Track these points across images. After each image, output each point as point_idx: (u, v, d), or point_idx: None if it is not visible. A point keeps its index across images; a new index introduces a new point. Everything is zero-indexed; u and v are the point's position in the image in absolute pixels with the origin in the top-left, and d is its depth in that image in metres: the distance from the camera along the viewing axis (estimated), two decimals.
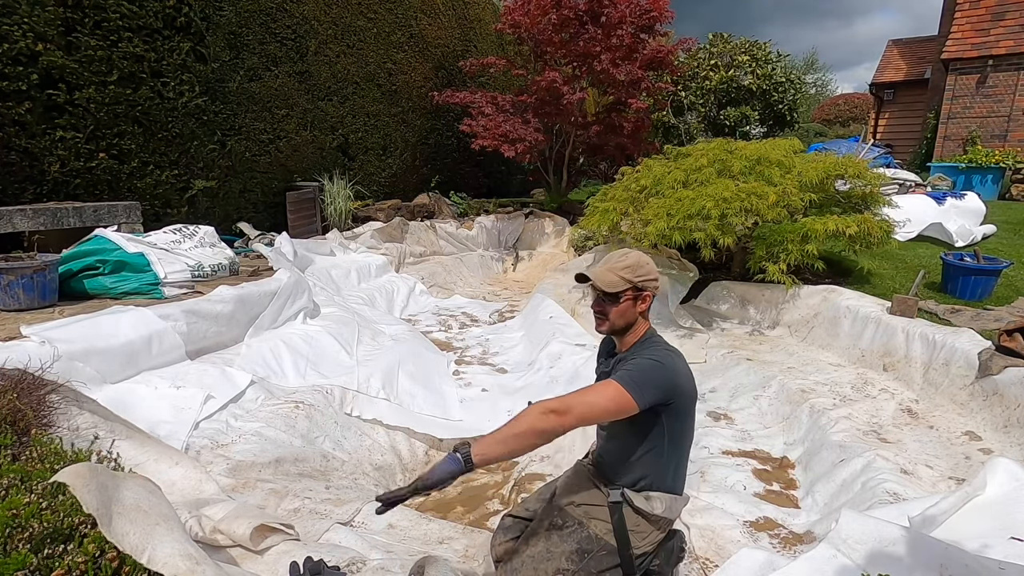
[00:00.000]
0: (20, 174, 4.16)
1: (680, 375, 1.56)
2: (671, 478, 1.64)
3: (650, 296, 1.65)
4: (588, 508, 1.64)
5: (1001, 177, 9.20)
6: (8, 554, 1.01)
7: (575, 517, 1.63)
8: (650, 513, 1.60)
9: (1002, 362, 2.79)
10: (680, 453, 1.66)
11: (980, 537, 1.47)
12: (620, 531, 1.58)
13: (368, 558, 1.71)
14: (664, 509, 1.61)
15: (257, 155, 6.08)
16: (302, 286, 4.14)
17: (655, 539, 1.64)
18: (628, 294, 1.62)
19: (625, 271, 1.61)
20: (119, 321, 2.76)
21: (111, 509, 1.09)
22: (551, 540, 1.61)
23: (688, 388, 1.58)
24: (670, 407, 1.54)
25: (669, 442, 1.60)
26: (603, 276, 1.62)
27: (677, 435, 1.61)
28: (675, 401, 1.54)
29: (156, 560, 1.04)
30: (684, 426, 1.63)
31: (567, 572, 1.56)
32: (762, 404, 3.29)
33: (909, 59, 13.54)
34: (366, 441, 3.00)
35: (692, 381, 1.61)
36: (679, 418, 1.59)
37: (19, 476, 1.24)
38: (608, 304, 1.64)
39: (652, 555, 1.66)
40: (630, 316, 1.64)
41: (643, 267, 1.63)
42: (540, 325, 4.78)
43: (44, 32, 4.12)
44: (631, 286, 1.61)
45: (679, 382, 1.55)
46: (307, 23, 6.51)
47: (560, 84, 7.37)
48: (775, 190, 3.99)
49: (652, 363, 1.53)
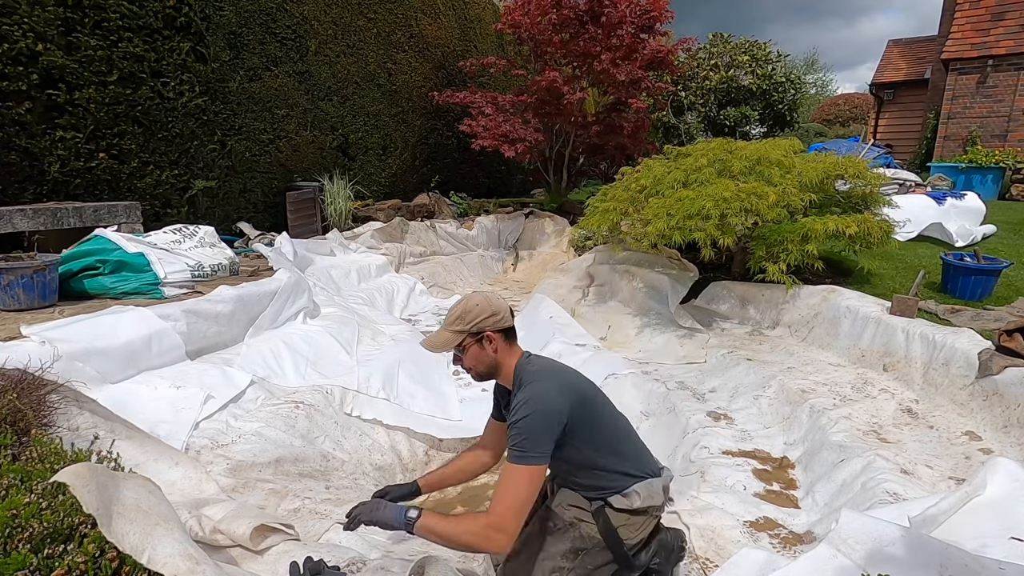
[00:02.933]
0: (20, 174, 4.16)
1: (558, 399, 1.55)
2: (628, 469, 1.66)
3: (493, 334, 1.67)
4: (576, 511, 1.67)
5: (1001, 177, 9.20)
6: (8, 554, 1.01)
7: (566, 519, 1.66)
8: (632, 508, 1.62)
9: (1002, 362, 2.79)
10: (615, 447, 1.67)
11: (980, 537, 1.47)
12: (607, 532, 1.62)
13: (368, 558, 1.71)
14: (644, 499, 1.63)
15: (257, 155, 6.08)
16: (302, 286, 4.14)
17: (648, 525, 1.67)
18: (468, 342, 1.66)
19: (455, 324, 1.67)
20: (119, 321, 2.76)
21: (111, 509, 1.09)
22: (546, 541, 1.65)
23: (575, 401, 1.58)
24: (568, 431, 1.56)
25: (594, 450, 1.62)
26: (435, 340, 1.70)
27: (598, 439, 1.63)
28: (568, 423, 1.55)
29: (156, 560, 1.04)
30: (598, 425, 1.64)
31: (564, 570, 1.61)
32: (762, 404, 3.29)
33: (909, 59, 13.53)
34: (366, 441, 3.00)
35: (577, 387, 1.63)
36: (586, 426, 1.60)
37: (19, 476, 1.24)
38: (461, 358, 1.70)
39: (648, 542, 1.69)
40: (485, 359, 1.68)
41: (471, 312, 1.67)
42: (540, 325, 4.78)
43: (44, 32, 4.12)
44: (465, 334, 1.66)
45: (560, 407, 1.54)
46: (307, 23, 6.51)
47: (560, 84, 7.37)
48: (775, 190, 3.99)
49: (527, 417, 1.52)
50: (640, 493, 1.62)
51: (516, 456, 1.49)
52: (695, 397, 3.51)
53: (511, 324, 1.74)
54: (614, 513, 1.63)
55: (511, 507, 1.44)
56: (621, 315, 4.97)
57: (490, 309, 1.69)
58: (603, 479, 1.65)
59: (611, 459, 1.65)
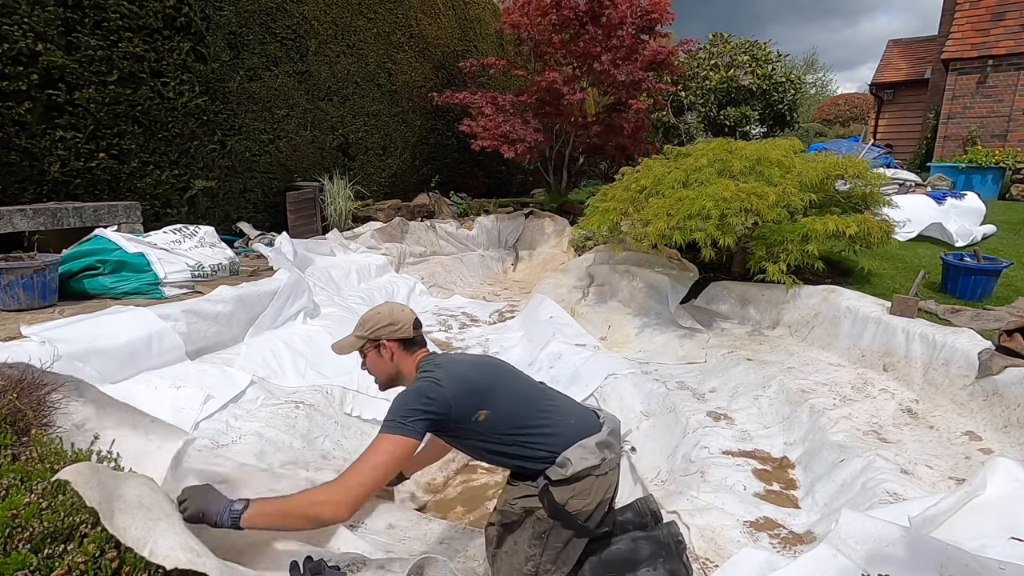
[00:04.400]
0: (20, 174, 4.16)
1: (438, 387, 1.59)
2: (553, 440, 1.67)
3: (390, 342, 1.77)
4: (523, 500, 1.70)
5: (1001, 177, 9.20)
6: (8, 554, 1.01)
7: (517, 511, 1.71)
8: (573, 475, 1.63)
9: (1002, 362, 2.79)
10: (533, 422, 1.69)
11: (980, 537, 1.47)
12: (556, 511, 1.65)
13: (368, 558, 1.71)
14: (577, 462, 1.63)
15: (257, 155, 6.08)
16: (302, 286, 4.14)
17: (599, 486, 1.68)
18: (367, 348, 1.79)
19: (358, 330, 1.80)
20: (119, 321, 2.76)
21: (113, 504, 1.10)
22: (512, 535, 1.72)
23: (466, 389, 1.62)
24: (459, 416, 1.60)
25: (511, 430, 1.65)
26: (342, 343, 1.83)
27: (501, 421, 1.65)
28: (455, 410, 1.58)
29: (158, 553, 1.04)
30: (503, 410, 1.66)
31: (535, 556, 1.67)
32: (762, 404, 3.29)
33: (909, 59, 13.53)
34: (366, 441, 2.97)
35: (466, 376, 1.67)
36: (491, 409, 1.64)
37: (19, 476, 1.24)
38: (365, 364, 1.83)
39: (608, 504, 1.72)
40: (382, 367, 1.79)
41: (370, 320, 1.79)
42: (540, 325, 4.78)
43: (44, 32, 4.12)
44: (365, 340, 1.78)
45: (438, 393, 1.58)
46: (307, 23, 6.51)
47: (560, 84, 7.37)
48: (775, 190, 3.99)
49: (405, 396, 1.59)
50: (571, 459, 1.63)
51: (382, 428, 1.54)
52: (695, 397, 3.51)
53: (411, 336, 1.81)
54: (557, 489, 1.64)
55: (359, 473, 1.47)
56: (621, 315, 4.97)
57: (390, 318, 1.79)
58: (532, 453, 1.67)
59: (532, 435, 1.67)
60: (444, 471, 3.06)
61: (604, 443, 1.69)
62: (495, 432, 1.65)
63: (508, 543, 1.72)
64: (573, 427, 1.71)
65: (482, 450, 1.69)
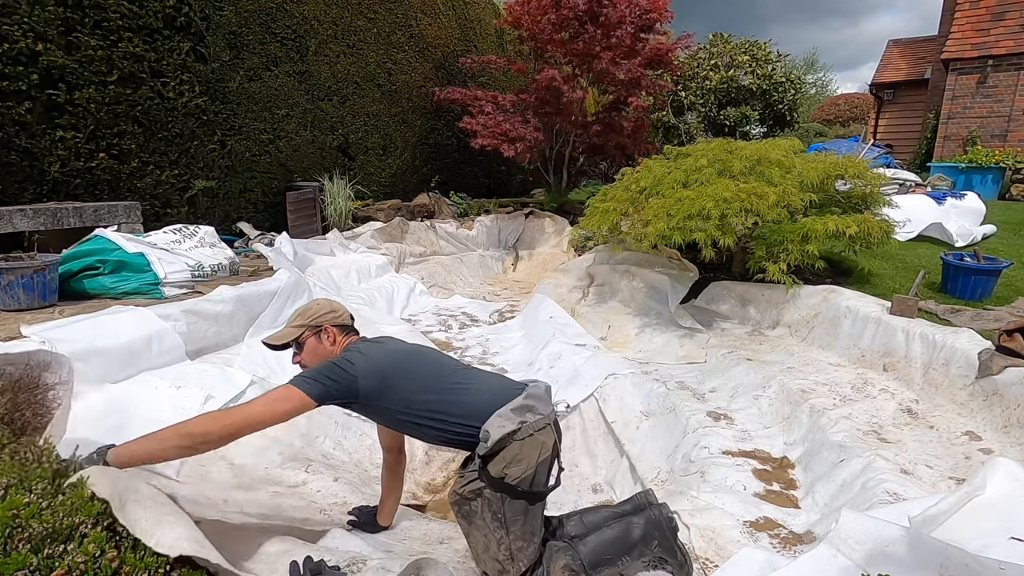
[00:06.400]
0: (20, 174, 4.16)
1: (350, 365, 1.69)
2: (470, 414, 1.72)
3: (331, 328, 1.92)
4: (469, 485, 1.73)
5: (1001, 177, 9.20)
6: (8, 554, 1.01)
7: (467, 496, 1.74)
8: (499, 442, 1.66)
9: (1002, 362, 2.79)
10: (449, 398, 1.75)
11: (980, 537, 1.47)
12: (497, 485, 1.68)
13: (368, 558, 1.71)
14: (496, 430, 1.66)
15: (257, 155, 6.08)
16: (302, 286, 4.14)
17: (529, 449, 1.70)
18: (306, 335, 1.90)
19: (296, 320, 1.92)
20: (119, 321, 2.76)
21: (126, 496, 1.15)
22: (475, 521, 1.75)
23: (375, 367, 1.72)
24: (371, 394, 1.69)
25: (415, 411, 1.72)
26: (277, 335, 1.94)
27: (413, 391, 1.73)
28: (364, 387, 1.68)
29: (163, 543, 1.08)
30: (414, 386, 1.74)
31: (503, 539, 1.71)
32: (762, 404, 3.29)
33: (909, 59, 13.54)
34: (366, 441, 3.00)
35: (378, 361, 1.75)
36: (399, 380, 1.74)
37: (19, 476, 1.24)
38: (299, 354, 1.91)
39: (548, 463, 1.77)
40: (324, 352, 1.88)
41: (311, 309, 1.94)
42: (540, 325, 4.78)
43: (44, 32, 4.12)
44: (305, 328, 1.90)
45: (349, 368, 1.68)
46: (307, 23, 6.51)
47: (559, 83, 7.37)
48: (775, 190, 3.98)
49: (321, 364, 1.72)
50: (490, 430, 1.67)
51: (292, 380, 1.64)
52: (695, 397, 3.51)
53: (349, 323, 1.98)
54: (491, 464, 1.68)
55: (251, 404, 1.60)
56: (621, 315, 4.97)
57: (329, 307, 1.96)
58: (456, 430, 1.73)
59: (447, 412, 1.73)
60: (444, 471, 3.07)
61: (522, 407, 1.73)
62: (412, 410, 1.73)
63: (475, 537, 1.76)
64: (487, 401, 1.75)
65: (407, 423, 1.76)
